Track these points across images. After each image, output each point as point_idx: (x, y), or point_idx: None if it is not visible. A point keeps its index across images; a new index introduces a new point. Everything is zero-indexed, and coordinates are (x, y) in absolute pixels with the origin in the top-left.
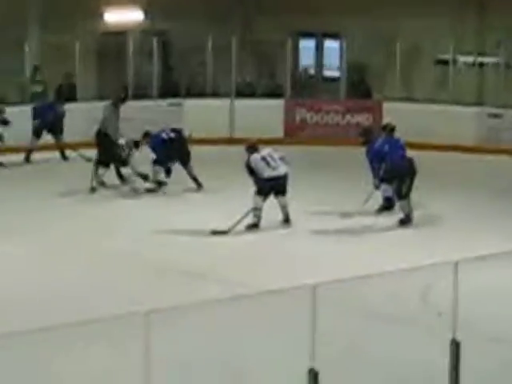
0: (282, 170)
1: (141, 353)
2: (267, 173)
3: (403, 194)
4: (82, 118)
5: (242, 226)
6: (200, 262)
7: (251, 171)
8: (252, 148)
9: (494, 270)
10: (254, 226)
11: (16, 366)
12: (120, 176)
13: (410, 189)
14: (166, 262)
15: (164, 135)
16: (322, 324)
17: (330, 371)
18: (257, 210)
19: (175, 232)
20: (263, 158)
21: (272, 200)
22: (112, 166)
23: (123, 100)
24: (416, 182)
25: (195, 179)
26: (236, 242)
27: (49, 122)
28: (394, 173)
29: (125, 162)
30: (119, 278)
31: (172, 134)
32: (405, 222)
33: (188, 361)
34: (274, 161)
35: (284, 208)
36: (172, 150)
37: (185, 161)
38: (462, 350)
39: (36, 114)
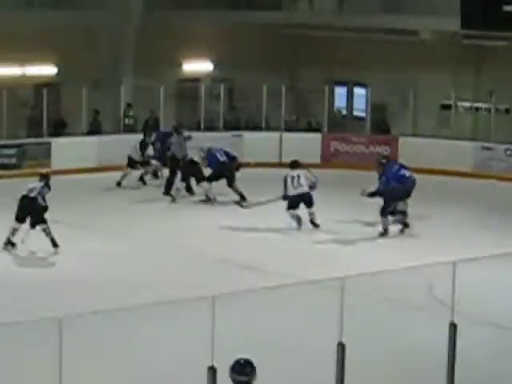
0: (302, 189)
1: (205, 330)
2: (291, 191)
3: (386, 213)
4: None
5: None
6: (252, 256)
7: (284, 184)
8: (290, 165)
9: (485, 268)
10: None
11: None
12: (189, 189)
13: (395, 209)
14: (224, 255)
15: (219, 156)
16: (348, 307)
17: (355, 345)
18: (294, 217)
19: (231, 233)
20: (292, 177)
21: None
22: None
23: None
24: (423, 200)
25: (241, 194)
26: (281, 242)
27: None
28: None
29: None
30: (189, 269)
31: (225, 158)
32: (383, 234)
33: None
34: (299, 181)
35: (311, 215)
36: (222, 170)
37: (231, 181)
38: (459, 331)
39: (157, 139)
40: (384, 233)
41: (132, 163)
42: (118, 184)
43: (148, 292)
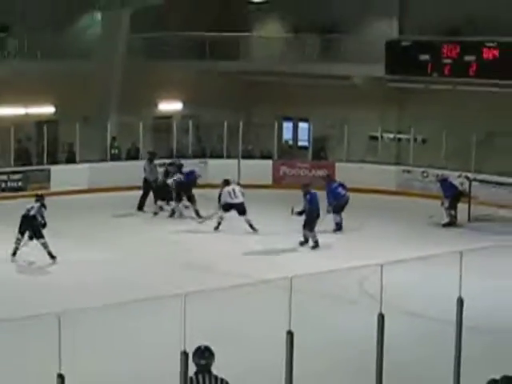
0: (238, 199)
1: (178, 323)
2: (229, 200)
3: (312, 228)
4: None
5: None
6: (211, 260)
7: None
8: (225, 183)
9: (407, 269)
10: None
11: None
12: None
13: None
14: (190, 261)
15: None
16: (297, 301)
17: (302, 333)
18: (220, 218)
19: (195, 242)
20: (228, 192)
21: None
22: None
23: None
24: (355, 215)
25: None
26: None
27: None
28: (337, 208)
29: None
30: (162, 272)
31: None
32: (315, 246)
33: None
34: (235, 194)
35: (248, 221)
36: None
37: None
38: (386, 320)
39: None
40: (315, 245)
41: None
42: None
43: (131, 291)
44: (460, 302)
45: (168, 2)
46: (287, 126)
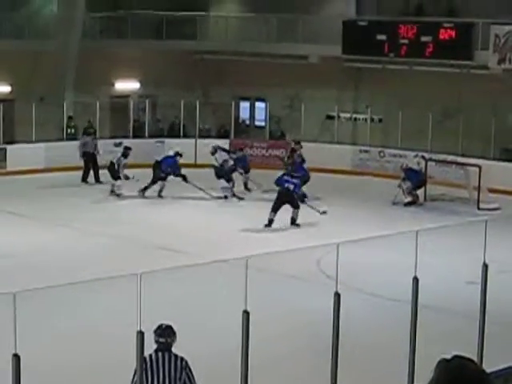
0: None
1: (134, 304)
2: None
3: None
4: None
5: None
6: (171, 240)
7: None
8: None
9: (363, 248)
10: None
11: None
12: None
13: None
14: (151, 240)
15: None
16: (254, 281)
17: (259, 312)
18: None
19: (154, 222)
20: None
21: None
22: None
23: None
24: (311, 193)
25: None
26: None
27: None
28: None
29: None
30: (120, 252)
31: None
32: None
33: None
34: None
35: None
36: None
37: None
38: (342, 298)
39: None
40: (268, 224)
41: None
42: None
43: (85, 271)
44: (415, 280)
45: None
46: (244, 106)
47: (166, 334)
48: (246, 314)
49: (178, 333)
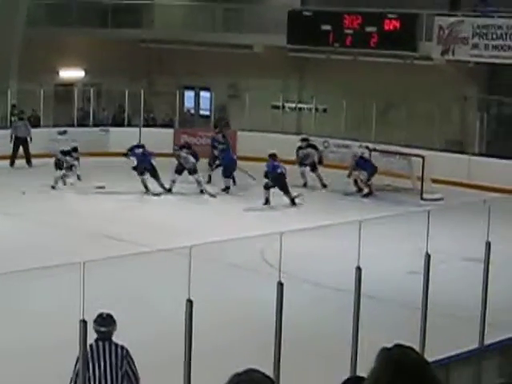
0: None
1: (79, 292)
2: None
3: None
4: (43, 138)
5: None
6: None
7: None
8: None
9: (307, 238)
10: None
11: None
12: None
13: None
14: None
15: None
16: (197, 270)
17: (202, 303)
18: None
19: (100, 212)
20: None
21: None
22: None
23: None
24: (257, 183)
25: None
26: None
27: None
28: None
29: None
30: (65, 240)
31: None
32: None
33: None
34: None
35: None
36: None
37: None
38: (285, 288)
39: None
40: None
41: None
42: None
43: (27, 260)
44: (358, 270)
45: None
46: (189, 95)
47: (106, 323)
48: (190, 302)
49: (121, 321)
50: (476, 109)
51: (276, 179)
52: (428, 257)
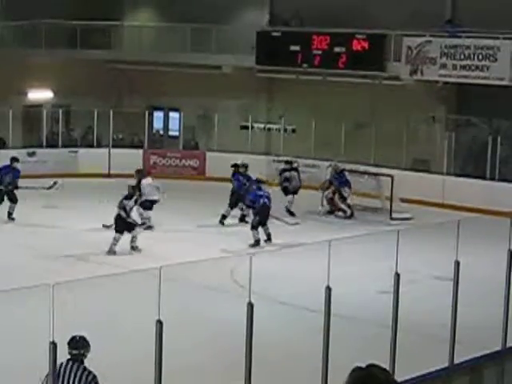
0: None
1: (50, 313)
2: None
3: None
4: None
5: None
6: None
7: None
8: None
9: (276, 259)
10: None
11: None
12: None
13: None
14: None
15: None
16: (168, 291)
17: (171, 324)
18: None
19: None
20: (149, 184)
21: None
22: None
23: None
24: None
25: None
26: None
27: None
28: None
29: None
30: (39, 262)
31: None
32: (254, 245)
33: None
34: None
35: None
36: None
37: None
38: (255, 308)
39: None
40: (256, 244)
41: None
42: None
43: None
44: (328, 290)
45: None
46: (158, 116)
47: (78, 345)
48: (160, 323)
49: (91, 342)
50: (444, 129)
51: (261, 211)
52: (397, 276)
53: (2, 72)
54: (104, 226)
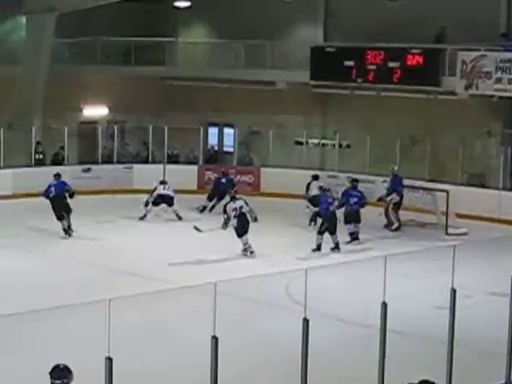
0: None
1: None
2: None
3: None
4: (67, 176)
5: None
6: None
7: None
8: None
9: (331, 274)
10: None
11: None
12: None
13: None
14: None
15: None
16: (222, 306)
17: (227, 339)
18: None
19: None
20: (235, 209)
21: None
22: None
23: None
24: (284, 219)
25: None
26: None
27: None
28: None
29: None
30: (86, 276)
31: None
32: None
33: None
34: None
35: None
36: None
37: None
38: (311, 325)
39: None
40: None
41: None
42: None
43: (54, 297)
44: (384, 306)
45: (93, 7)
46: (213, 132)
47: (61, 375)
48: (215, 339)
49: (143, 357)
50: (500, 143)
51: (329, 219)
52: (454, 292)
53: (58, 89)
54: (196, 228)
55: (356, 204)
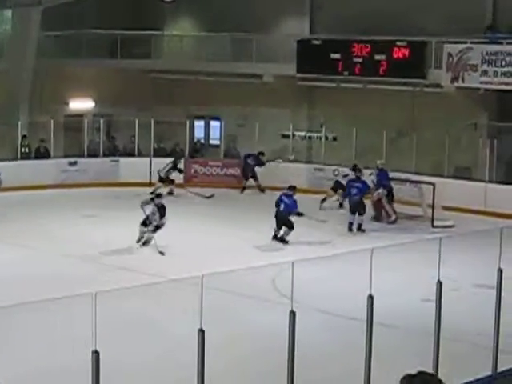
0: None
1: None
2: None
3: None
4: (53, 169)
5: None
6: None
7: None
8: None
9: (317, 267)
10: None
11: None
12: None
13: None
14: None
15: None
16: (209, 299)
17: (213, 332)
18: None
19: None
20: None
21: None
22: None
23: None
24: (269, 211)
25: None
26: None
27: None
28: None
29: None
30: (78, 271)
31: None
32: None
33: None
34: None
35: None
36: None
37: None
38: (297, 316)
39: None
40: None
41: None
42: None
43: (43, 290)
44: (370, 298)
45: (79, 0)
46: (199, 125)
47: None
48: (202, 332)
49: (130, 351)
50: (486, 136)
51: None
52: (440, 284)
53: (44, 82)
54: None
55: (356, 195)
